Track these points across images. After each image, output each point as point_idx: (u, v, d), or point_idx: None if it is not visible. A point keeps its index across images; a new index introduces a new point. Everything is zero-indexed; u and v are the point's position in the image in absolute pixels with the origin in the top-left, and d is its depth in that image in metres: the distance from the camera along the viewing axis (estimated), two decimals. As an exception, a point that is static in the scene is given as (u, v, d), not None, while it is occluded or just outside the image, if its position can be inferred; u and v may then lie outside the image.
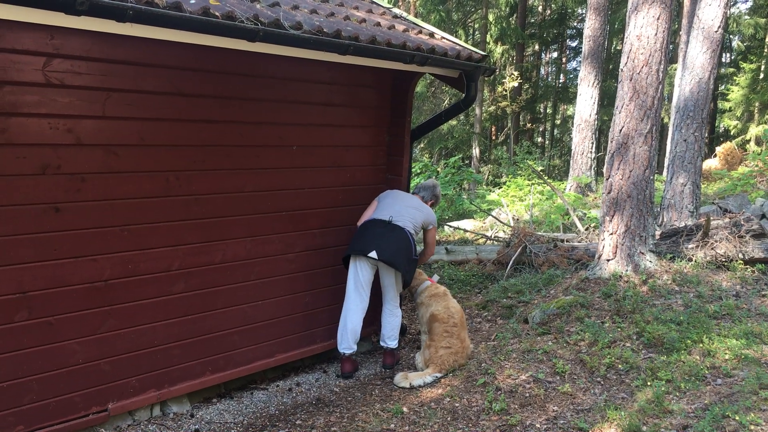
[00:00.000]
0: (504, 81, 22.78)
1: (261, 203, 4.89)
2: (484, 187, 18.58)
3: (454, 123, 22.56)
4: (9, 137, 3.54)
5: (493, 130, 27.33)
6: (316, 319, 5.48)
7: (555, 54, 31.99)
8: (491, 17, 22.22)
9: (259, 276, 4.97)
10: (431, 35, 5.44)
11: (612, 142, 6.36)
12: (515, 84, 22.68)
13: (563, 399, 4.41)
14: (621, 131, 6.23)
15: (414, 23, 5.67)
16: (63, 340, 3.92)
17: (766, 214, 8.69)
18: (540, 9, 28.08)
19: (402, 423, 4.38)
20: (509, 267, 7.55)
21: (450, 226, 11.41)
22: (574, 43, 28.78)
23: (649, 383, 4.40)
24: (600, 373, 4.65)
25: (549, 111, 31.20)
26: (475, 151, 22.56)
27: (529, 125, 27.52)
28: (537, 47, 28.74)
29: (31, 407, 3.83)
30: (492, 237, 9.68)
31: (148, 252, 4.26)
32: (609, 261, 6.19)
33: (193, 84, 4.33)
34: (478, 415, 4.36)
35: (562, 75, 31.54)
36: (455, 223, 11.74)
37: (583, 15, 24.01)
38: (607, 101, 21.30)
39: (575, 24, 27.19)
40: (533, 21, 26.97)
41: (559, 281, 6.58)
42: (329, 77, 5.19)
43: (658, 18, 6.12)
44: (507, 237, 8.76)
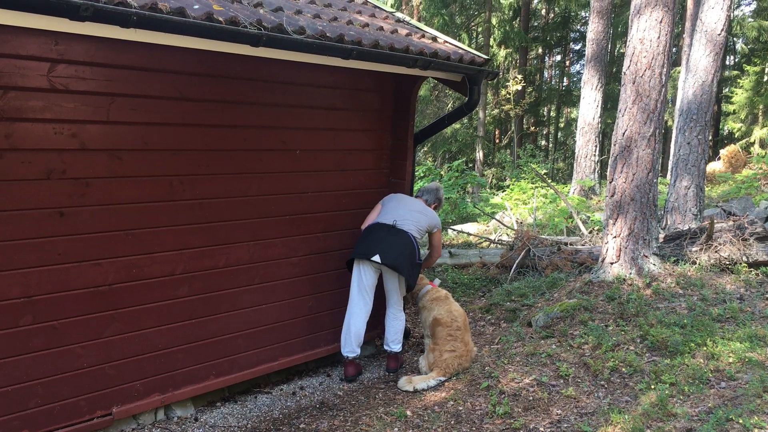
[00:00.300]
0: (507, 84, 22.80)
1: (264, 207, 4.91)
2: (487, 191, 18.59)
3: (457, 126, 22.56)
4: (14, 142, 3.56)
5: (497, 133, 27.33)
6: (319, 323, 5.48)
7: (558, 57, 31.98)
8: (494, 21, 22.23)
9: (263, 280, 4.99)
10: (434, 39, 5.46)
11: (615, 145, 6.36)
12: (519, 87, 22.71)
13: (567, 402, 4.41)
14: (624, 134, 6.23)
15: (417, 27, 5.68)
16: (67, 344, 3.94)
17: (770, 216, 8.67)
18: (543, 12, 28.08)
19: (405, 426, 4.38)
20: (513, 270, 7.55)
21: (453, 229, 11.41)
22: (577, 47, 28.77)
23: (653, 386, 4.39)
24: (604, 377, 4.65)
25: (552, 114, 31.18)
26: (479, 155, 22.55)
27: (533, 128, 27.52)
28: (540, 50, 28.74)
29: (36, 411, 3.84)
30: (495, 240, 9.68)
31: (152, 256, 4.28)
32: (613, 264, 6.18)
33: (197, 89, 4.35)
34: (481, 419, 4.36)
35: (565, 78, 31.53)
36: (459, 227, 11.75)
37: (587, 18, 24.01)
38: (611, 104, 21.26)
39: (578, 27, 27.19)
40: (536, 24, 26.97)
41: (563, 284, 6.58)
42: (332, 81, 5.21)
43: (660, 21, 6.13)
44: (510, 240, 8.76)
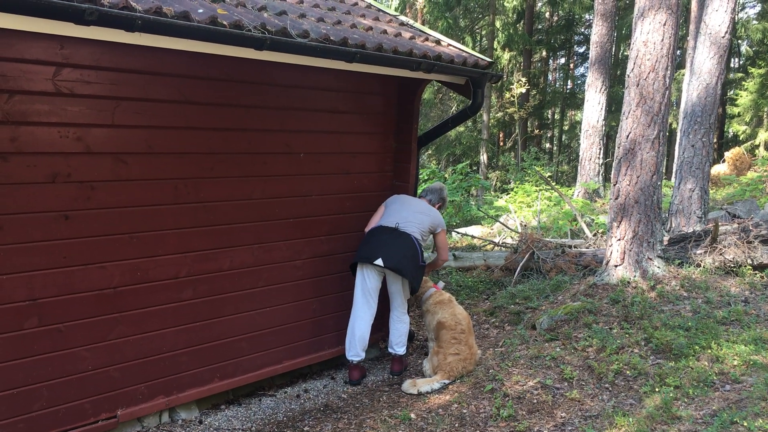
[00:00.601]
0: (512, 87, 22.80)
1: (269, 210, 4.92)
2: (491, 194, 18.60)
3: (461, 129, 22.58)
4: (19, 146, 3.58)
5: (501, 136, 27.35)
6: (323, 326, 5.49)
7: (562, 60, 31.99)
8: (498, 24, 22.25)
9: (267, 283, 5.00)
10: (438, 42, 5.46)
11: (619, 147, 6.36)
12: (523, 90, 22.70)
13: (571, 405, 4.41)
14: (628, 137, 6.23)
15: (420, 30, 5.69)
16: (73, 346, 3.95)
17: (775, 219, 8.65)
18: (547, 15, 28.12)
19: (410, 429, 4.38)
20: (517, 273, 7.55)
21: (458, 232, 11.41)
22: (581, 49, 28.77)
23: (658, 389, 4.38)
24: (608, 380, 4.64)
25: (557, 117, 31.18)
26: (483, 158, 22.56)
27: (537, 131, 27.51)
28: (544, 53, 28.75)
29: (41, 414, 3.85)
30: (500, 243, 9.68)
31: (156, 259, 4.29)
32: (617, 267, 6.18)
33: (201, 92, 4.37)
34: (485, 422, 4.36)
35: (569, 81, 31.54)
36: (463, 230, 11.74)
37: (591, 21, 24.00)
38: (615, 107, 21.27)
39: (582, 30, 27.21)
40: (540, 27, 27.01)
41: (567, 287, 6.57)
42: (336, 85, 5.22)
43: (664, 24, 6.13)
44: (515, 243, 8.75)
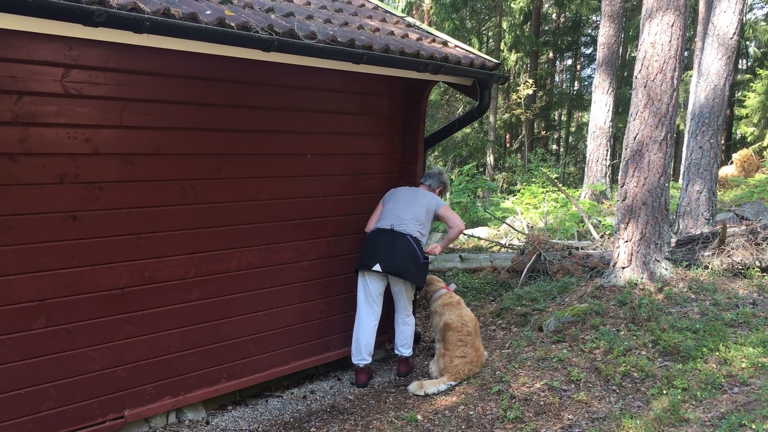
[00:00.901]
0: (518, 88, 22.77)
1: (275, 211, 4.93)
2: (498, 195, 18.57)
3: (468, 131, 22.55)
4: (28, 147, 3.60)
5: (508, 137, 27.30)
6: (330, 327, 5.49)
7: (569, 61, 31.90)
8: (505, 25, 22.22)
9: (274, 284, 5.00)
10: (444, 44, 5.46)
11: (626, 149, 6.34)
12: (529, 91, 22.67)
13: (578, 407, 4.39)
14: (635, 138, 6.21)
15: (427, 32, 5.69)
16: (80, 347, 3.97)
17: (783, 221, 8.60)
18: (554, 17, 28.05)
19: (416, 430, 4.38)
20: (524, 275, 7.53)
21: (464, 233, 11.40)
22: (588, 51, 28.68)
23: (665, 392, 4.37)
24: (615, 382, 4.63)
25: (563, 118, 31.10)
26: (490, 159, 22.53)
27: (544, 133, 27.45)
28: (551, 55, 28.67)
29: (49, 414, 3.87)
30: (506, 245, 9.66)
31: (164, 260, 4.31)
32: (624, 269, 6.15)
33: (209, 93, 4.38)
34: (492, 423, 4.35)
35: (576, 82, 31.45)
36: (469, 231, 11.73)
37: (598, 22, 23.97)
38: (622, 108, 21.20)
39: (589, 31, 27.12)
40: (547, 29, 26.94)
41: (574, 289, 6.55)
42: (343, 86, 5.23)
43: (672, 25, 6.11)
44: (521, 245, 8.73)
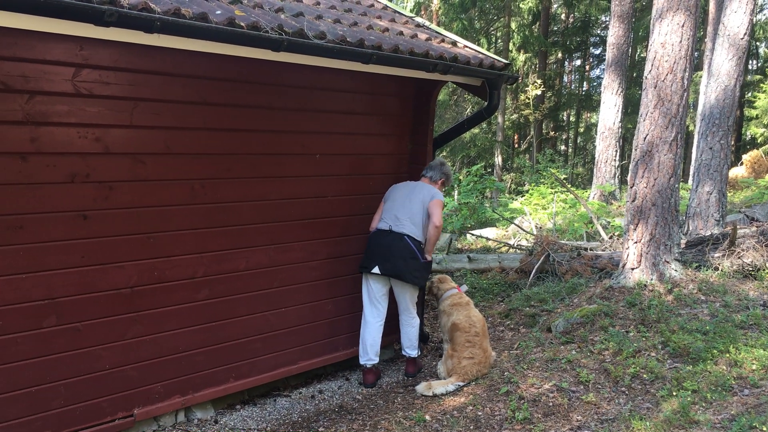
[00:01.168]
0: (527, 89, 22.73)
1: (284, 211, 4.93)
2: (506, 196, 18.54)
3: (476, 131, 22.53)
4: (39, 146, 3.61)
5: (516, 138, 27.25)
6: (338, 327, 5.49)
7: (578, 62, 31.82)
8: (514, 25, 22.19)
9: (282, 283, 5.01)
10: (454, 44, 5.46)
11: (636, 150, 6.32)
12: (538, 92, 22.62)
13: (587, 409, 4.38)
14: (645, 139, 6.19)
15: (436, 32, 5.69)
16: (90, 345, 3.99)
17: (794, 222, 8.54)
18: (563, 17, 27.98)
19: (425, 431, 4.38)
20: (532, 275, 7.51)
21: (472, 234, 11.38)
22: (597, 51, 28.60)
23: (675, 393, 4.35)
24: (624, 383, 4.61)
25: (572, 119, 31.02)
26: (498, 160, 22.50)
27: (552, 133, 27.39)
28: (560, 55, 28.62)
29: (59, 412, 3.89)
30: (515, 245, 9.64)
31: (173, 259, 4.32)
32: (633, 270, 6.13)
33: (218, 93, 4.39)
34: (501, 424, 4.34)
35: (585, 83, 31.38)
36: (477, 232, 11.71)
37: (607, 22, 23.89)
38: (631, 109, 21.12)
39: (599, 32, 27.04)
40: (556, 29, 26.87)
41: (583, 290, 6.53)
42: (352, 86, 5.23)
43: (682, 25, 6.08)
44: (530, 245, 8.71)
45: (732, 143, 9.43)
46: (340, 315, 5.49)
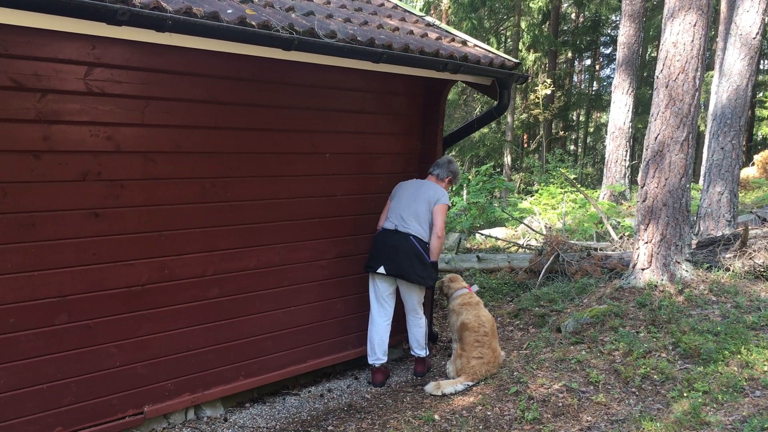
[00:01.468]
0: (536, 89, 22.66)
1: (294, 210, 4.94)
2: (515, 195, 18.50)
3: (485, 131, 22.48)
4: (51, 144, 3.63)
5: (525, 137, 27.18)
6: (347, 326, 5.50)
7: (588, 61, 31.72)
8: (523, 25, 22.13)
9: (292, 282, 5.02)
10: (464, 43, 5.45)
11: (647, 149, 6.29)
12: (548, 92, 22.55)
13: (597, 409, 4.37)
14: (656, 139, 6.16)
15: (447, 31, 5.69)
16: (101, 343, 4.00)
17: (806, 223, 8.48)
18: (573, 16, 27.90)
19: (434, 430, 4.37)
20: (541, 275, 7.50)
21: (482, 234, 11.37)
22: (607, 51, 28.50)
23: (686, 394, 4.33)
24: (635, 384, 4.59)
25: (582, 119, 30.92)
26: (507, 159, 22.46)
27: (562, 133, 27.30)
28: (570, 55, 28.54)
29: (70, 409, 3.91)
30: (524, 245, 9.62)
31: (184, 257, 4.33)
32: (644, 270, 6.11)
33: (229, 92, 4.40)
34: (510, 424, 4.33)
35: (595, 82, 31.27)
36: (487, 231, 11.70)
37: (617, 22, 23.80)
38: (642, 109, 21.04)
39: (609, 31, 26.94)
40: (566, 28, 26.79)
41: (593, 290, 6.51)
42: (362, 85, 5.23)
43: (694, 25, 6.05)
44: (539, 245, 8.69)
45: (743, 143, 9.38)
46: (349, 314, 5.49)
